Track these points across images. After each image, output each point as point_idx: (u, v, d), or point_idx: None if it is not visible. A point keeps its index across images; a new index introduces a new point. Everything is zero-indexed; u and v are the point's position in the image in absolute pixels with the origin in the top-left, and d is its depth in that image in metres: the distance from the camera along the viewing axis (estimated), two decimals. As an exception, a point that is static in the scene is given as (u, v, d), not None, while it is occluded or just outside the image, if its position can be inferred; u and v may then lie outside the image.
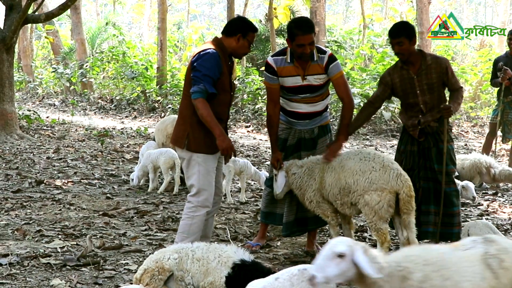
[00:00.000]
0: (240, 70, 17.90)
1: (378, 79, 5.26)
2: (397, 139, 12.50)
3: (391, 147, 12.07)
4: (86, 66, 21.46)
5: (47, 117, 16.25)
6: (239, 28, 4.58)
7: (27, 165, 9.13)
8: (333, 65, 4.94)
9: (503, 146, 10.69)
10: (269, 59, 5.09)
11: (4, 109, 11.39)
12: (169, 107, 17.00)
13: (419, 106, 5.03)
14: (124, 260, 4.82)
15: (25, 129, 12.89)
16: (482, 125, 15.00)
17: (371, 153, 4.72)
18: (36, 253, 4.85)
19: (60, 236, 5.44)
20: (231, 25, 4.65)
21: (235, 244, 5.08)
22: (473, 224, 4.76)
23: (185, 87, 4.57)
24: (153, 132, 11.32)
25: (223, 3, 33.95)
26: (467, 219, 6.52)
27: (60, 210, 6.46)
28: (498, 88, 8.59)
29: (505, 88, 8.40)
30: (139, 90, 19.43)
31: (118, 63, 20.83)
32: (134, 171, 8.02)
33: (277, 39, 19.30)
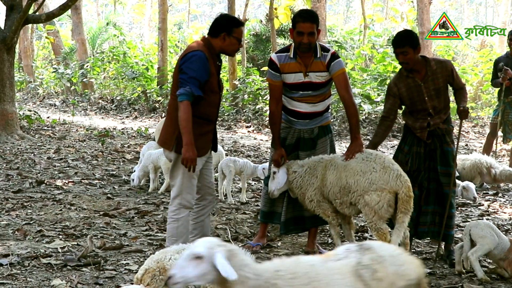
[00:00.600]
0: (241, 70, 17.90)
1: (386, 91, 5.25)
2: (397, 139, 12.49)
3: (391, 147, 12.07)
4: (87, 66, 21.47)
5: (48, 117, 16.24)
6: (222, 27, 4.50)
7: (27, 165, 9.13)
8: (335, 62, 4.96)
9: (504, 146, 10.69)
10: (272, 56, 5.12)
11: (4, 109, 11.39)
12: (170, 107, 16.97)
13: (428, 111, 5.03)
14: (125, 260, 4.82)
15: (25, 129, 12.88)
16: (483, 125, 14.99)
17: (373, 153, 4.75)
18: (36, 253, 4.85)
19: (60, 236, 5.45)
20: (214, 26, 4.55)
21: (235, 245, 5.08)
22: (474, 224, 4.76)
23: (173, 88, 4.53)
24: (153, 132, 11.33)
25: (224, 3, 33.97)
26: (467, 219, 6.52)
27: (61, 210, 6.47)
28: (499, 89, 8.59)
29: (505, 88, 8.40)
30: (139, 91, 19.43)
31: (118, 63, 20.83)
32: (135, 171, 8.02)
33: (278, 39, 19.30)
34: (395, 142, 12.23)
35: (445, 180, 5.04)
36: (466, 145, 12.30)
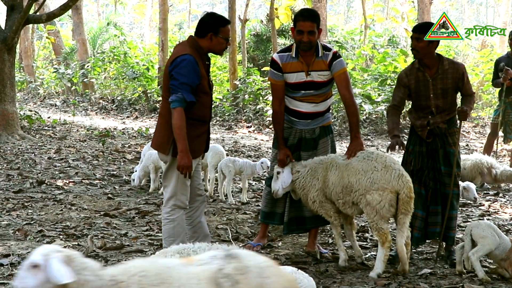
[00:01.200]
0: (242, 71, 17.90)
1: (396, 81, 5.26)
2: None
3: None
4: (88, 66, 21.47)
5: (49, 117, 16.25)
6: (208, 27, 4.45)
7: (28, 165, 9.13)
8: (336, 61, 4.97)
9: (505, 146, 10.69)
10: (274, 56, 5.13)
11: (5, 109, 11.39)
12: (170, 108, 16.97)
13: (430, 109, 5.04)
14: (126, 260, 4.81)
15: (26, 129, 12.89)
16: (484, 125, 14.99)
17: (374, 153, 4.78)
18: (37, 253, 4.85)
19: (61, 237, 5.45)
20: (200, 26, 4.49)
21: (236, 245, 5.08)
22: (476, 224, 4.76)
23: (164, 92, 4.49)
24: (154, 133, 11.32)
25: (224, 3, 33.96)
26: (468, 219, 6.52)
27: (61, 210, 6.47)
28: (500, 89, 8.59)
29: (506, 88, 8.40)
30: (140, 91, 19.43)
31: (119, 63, 20.83)
32: (136, 171, 8.02)
33: (279, 39, 19.30)
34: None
35: (449, 181, 5.05)
36: (467, 145, 12.29)
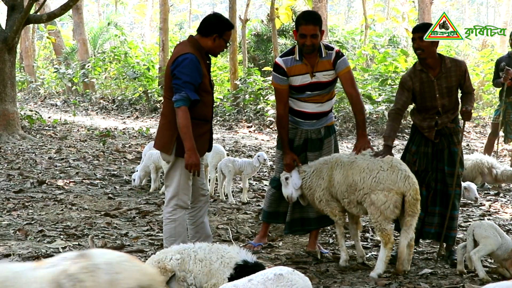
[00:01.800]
0: (242, 71, 17.89)
1: (399, 84, 5.23)
2: (399, 139, 12.50)
3: (393, 147, 12.04)
4: (88, 66, 21.47)
5: (49, 117, 16.25)
6: (215, 28, 4.45)
7: (29, 165, 9.13)
8: (340, 60, 4.97)
9: (505, 146, 10.68)
10: (278, 60, 5.06)
11: (6, 109, 11.39)
12: (171, 107, 16.96)
13: (436, 109, 5.02)
14: (126, 260, 4.81)
15: (27, 129, 12.89)
16: (484, 125, 14.99)
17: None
18: (38, 253, 4.86)
19: (62, 237, 5.45)
20: (207, 25, 4.48)
21: (237, 245, 5.08)
22: (478, 224, 4.75)
23: (166, 92, 4.49)
24: (155, 132, 11.33)
25: (225, 3, 33.95)
26: (469, 219, 6.52)
27: (62, 210, 6.47)
28: (500, 89, 8.59)
29: (507, 88, 8.39)
30: (141, 91, 19.44)
31: (120, 63, 20.84)
32: (136, 171, 8.02)
33: (279, 39, 19.29)
34: (396, 143, 12.21)
35: (451, 181, 5.04)
36: (468, 145, 12.29)
